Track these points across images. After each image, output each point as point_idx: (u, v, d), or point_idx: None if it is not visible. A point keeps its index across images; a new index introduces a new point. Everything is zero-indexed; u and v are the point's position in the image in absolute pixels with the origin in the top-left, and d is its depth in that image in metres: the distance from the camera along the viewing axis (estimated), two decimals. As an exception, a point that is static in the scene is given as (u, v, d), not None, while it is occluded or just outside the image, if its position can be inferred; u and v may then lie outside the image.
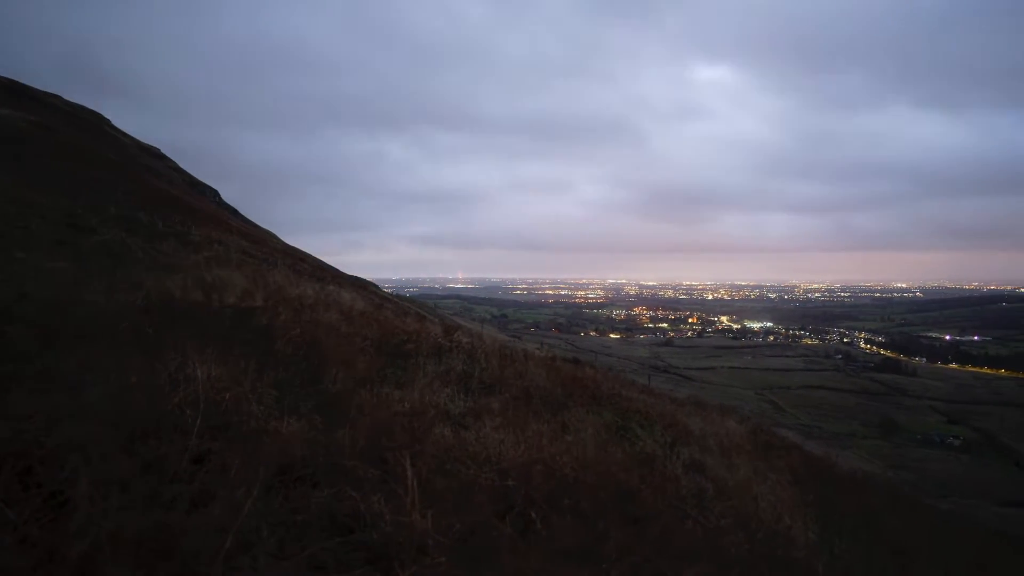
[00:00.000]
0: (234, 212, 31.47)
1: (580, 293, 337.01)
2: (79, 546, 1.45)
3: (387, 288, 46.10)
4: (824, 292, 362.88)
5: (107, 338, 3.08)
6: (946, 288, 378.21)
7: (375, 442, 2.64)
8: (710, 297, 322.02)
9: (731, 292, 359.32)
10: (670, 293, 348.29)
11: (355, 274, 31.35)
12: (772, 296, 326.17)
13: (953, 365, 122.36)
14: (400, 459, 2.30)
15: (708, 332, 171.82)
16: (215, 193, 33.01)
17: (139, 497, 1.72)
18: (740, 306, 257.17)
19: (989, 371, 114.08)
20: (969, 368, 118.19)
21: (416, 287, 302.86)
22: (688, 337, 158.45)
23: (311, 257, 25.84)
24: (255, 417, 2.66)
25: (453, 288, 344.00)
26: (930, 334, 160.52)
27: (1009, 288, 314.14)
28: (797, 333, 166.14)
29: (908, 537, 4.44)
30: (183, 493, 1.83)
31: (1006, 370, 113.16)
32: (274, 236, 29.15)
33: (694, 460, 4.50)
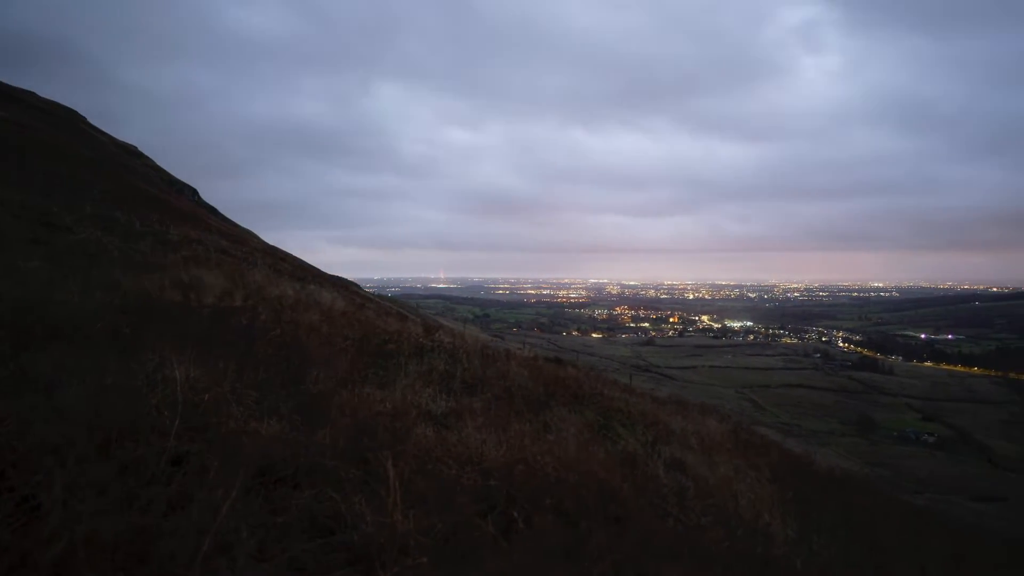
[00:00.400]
0: (213, 211, 31.11)
1: (562, 293, 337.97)
2: (53, 550, 1.43)
3: (369, 288, 45.87)
4: (803, 291, 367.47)
5: (82, 339, 3.03)
6: (922, 288, 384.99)
7: (356, 443, 2.63)
8: (691, 296, 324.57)
9: (712, 292, 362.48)
10: (652, 293, 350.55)
11: (336, 274, 31.17)
12: (752, 295, 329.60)
13: (928, 363, 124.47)
14: (382, 459, 2.29)
15: (689, 331, 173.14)
16: (194, 192, 32.63)
17: (115, 500, 1.69)
18: (721, 305, 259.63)
19: (963, 369, 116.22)
20: (944, 366, 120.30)
21: (398, 287, 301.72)
22: (669, 336, 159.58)
23: (292, 256, 25.62)
24: (235, 418, 2.63)
25: (435, 288, 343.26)
26: (906, 333, 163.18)
27: (981, 288, 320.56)
28: (777, 332, 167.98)
29: (885, 533, 4.50)
30: (160, 495, 1.81)
31: (979, 368, 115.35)
32: (254, 235, 28.88)
33: (675, 459, 4.53)
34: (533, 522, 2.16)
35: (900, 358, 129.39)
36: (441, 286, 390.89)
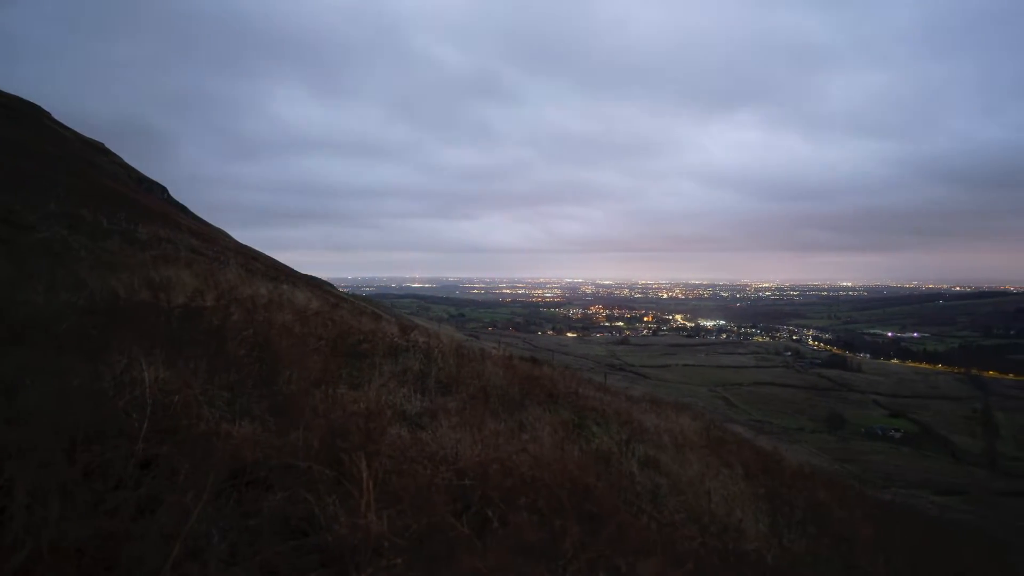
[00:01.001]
0: (183, 210, 30.57)
1: (537, 292, 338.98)
2: (16, 557, 1.40)
3: (343, 287, 45.51)
4: (774, 291, 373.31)
5: (47, 340, 2.96)
6: (888, 287, 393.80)
7: (330, 443, 2.61)
8: (665, 296, 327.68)
9: (685, 291, 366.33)
10: (626, 292, 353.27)
11: (310, 273, 30.86)
12: (725, 295, 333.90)
13: (895, 361, 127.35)
14: (356, 460, 2.27)
15: (663, 330, 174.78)
16: (163, 190, 32.03)
17: (81, 504, 1.66)
18: (694, 305, 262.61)
19: (928, 366, 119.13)
20: (909, 363, 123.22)
21: (373, 286, 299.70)
22: (644, 335, 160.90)
23: (264, 256, 25.31)
24: (206, 420, 2.59)
25: (410, 288, 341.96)
26: (874, 331, 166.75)
27: (945, 287, 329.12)
28: (749, 331, 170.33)
29: (852, 527, 4.60)
30: (128, 499, 1.78)
31: (943, 365, 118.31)
32: (226, 234, 28.45)
33: (649, 457, 4.57)
34: (508, 521, 2.16)
35: (868, 356, 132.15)
36: (416, 286, 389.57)
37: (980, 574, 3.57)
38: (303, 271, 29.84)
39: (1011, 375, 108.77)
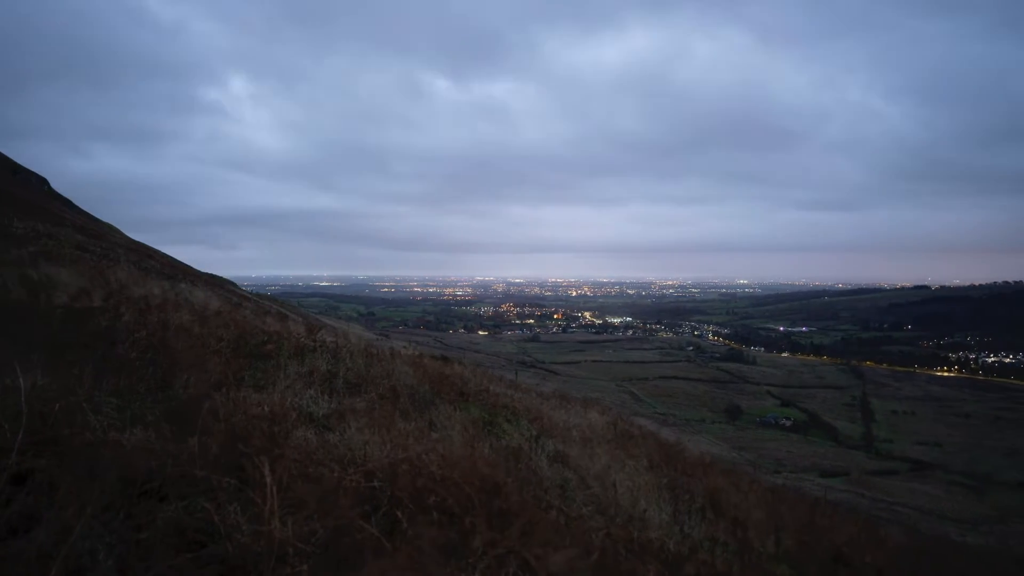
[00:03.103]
0: (68, 204, 28.30)
1: (449, 290, 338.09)
2: None
3: (246, 286, 43.62)
4: (677, 288, 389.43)
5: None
6: (780, 284, 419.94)
7: (231, 449, 2.50)
8: (574, 294, 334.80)
9: (594, 289, 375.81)
10: (536, 290, 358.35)
11: (211, 271, 29.38)
12: (631, 292, 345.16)
13: (786, 354, 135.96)
14: (259, 465, 2.19)
15: (572, 327, 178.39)
16: (43, 182, 29.54)
17: (-55, 525, 1.52)
18: (602, 302, 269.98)
19: (814, 358, 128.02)
20: (799, 356, 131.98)
21: (278, 285, 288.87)
22: (554, 333, 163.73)
23: (160, 253, 23.86)
24: (91, 429, 2.42)
25: (318, 286, 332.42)
26: (767, 326, 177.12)
27: (829, 284, 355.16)
28: (654, 327, 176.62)
29: (747, 511, 4.88)
30: None
31: (827, 357, 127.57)
32: (116, 230, 26.57)
33: (558, 452, 4.67)
34: (417, 522, 2.15)
35: (762, 349, 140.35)
36: (324, 284, 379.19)
37: (856, 546, 3.90)
38: (204, 270, 28.39)
39: (885, 365, 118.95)
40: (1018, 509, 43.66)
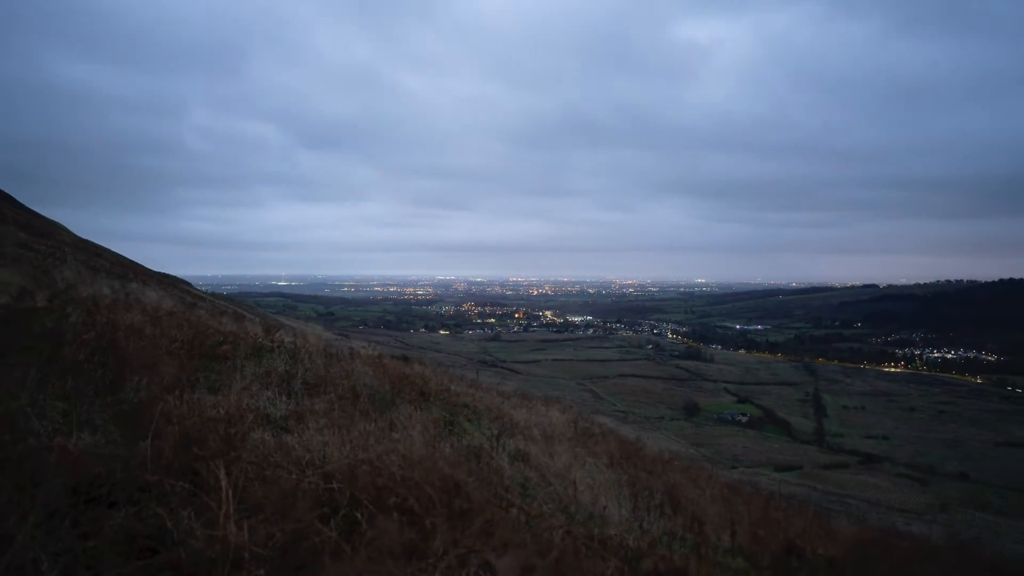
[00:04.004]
0: (8, 200, 27.08)
1: (409, 290, 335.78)
2: None
3: (201, 286, 42.53)
4: (637, 287, 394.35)
5: None
6: (738, 283, 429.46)
7: (185, 452, 2.44)
8: (535, 293, 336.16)
9: (555, 288, 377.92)
10: (498, 289, 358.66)
11: (164, 271, 28.56)
12: (592, 291, 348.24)
13: (742, 351, 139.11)
14: (213, 469, 2.14)
15: (534, 327, 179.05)
16: (-22, 177, 28.12)
17: None
18: (563, 301, 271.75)
19: (769, 355, 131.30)
20: (755, 353, 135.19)
21: (235, 284, 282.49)
22: (515, 332, 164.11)
23: (110, 252, 23.07)
24: (35, 434, 2.33)
25: (276, 286, 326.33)
26: (724, 324, 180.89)
27: (783, 283, 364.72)
28: (614, 326, 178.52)
29: (704, 506, 4.97)
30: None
31: (782, 354, 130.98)
32: (64, 228, 25.57)
33: (520, 451, 4.68)
34: (377, 523, 2.13)
35: (720, 347, 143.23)
36: (282, 284, 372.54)
37: (808, 538, 4.02)
38: (157, 268, 27.57)
39: (836, 361, 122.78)
40: (959, 498, 45.59)
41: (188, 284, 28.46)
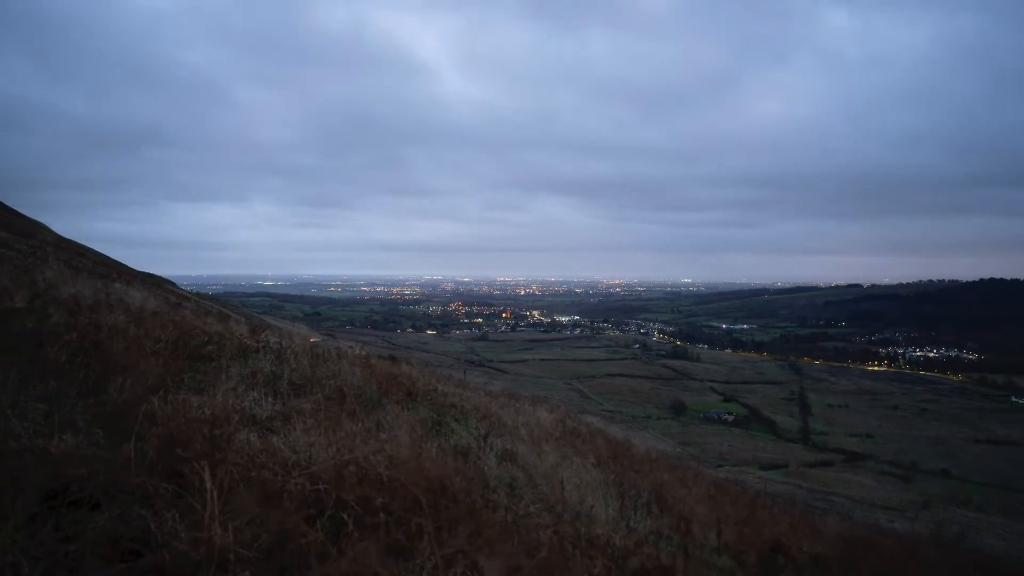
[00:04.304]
0: (-13, 198, 26.66)
1: (396, 290, 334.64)
2: None
3: (186, 285, 42.16)
4: (624, 287, 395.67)
5: None
6: (724, 283, 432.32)
7: (169, 454, 2.42)
8: (522, 293, 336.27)
9: (542, 288, 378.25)
10: (485, 289, 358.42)
11: (149, 270, 28.28)
12: (579, 291, 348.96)
13: (728, 351, 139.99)
14: (198, 470, 2.12)
15: (521, 326, 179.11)
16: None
17: None
18: (550, 301, 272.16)
19: (755, 355, 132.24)
20: (741, 353, 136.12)
21: (220, 284, 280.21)
22: (502, 332, 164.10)
23: (92, 251, 22.80)
24: (16, 436, 2.30)
25: (262, 285, 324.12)
26: (710, 324, 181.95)
27: (769, 283, 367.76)
28: (601, 325, 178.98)
29: (690, 505, 5.00)
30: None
31: (767, 353, 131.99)
32: (44, 227, 25.22)
33: (507, 450, 4.68)
34: (364, 524, 2.13)
35: (706, 346, 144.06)
36: (268, 284, 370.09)
37: (793, 536, 4.06)
38: (141, 268, 27.29)
39: (821, 360, 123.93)
40: (941, 495, 46.18)
41: (173, 284, 28.22)
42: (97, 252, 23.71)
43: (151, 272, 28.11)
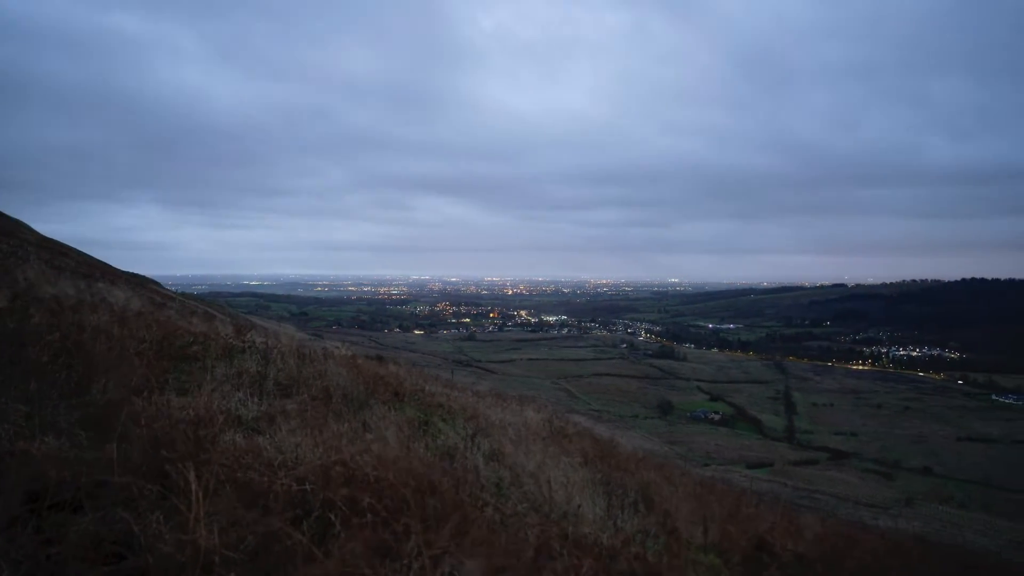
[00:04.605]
0: (-33, 196, 26.22)
1: (384, 290, 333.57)
2: None
3: (171, 285, 41.75)
4: (611, 287, 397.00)
5: None
6: (710, 283, 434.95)
7: (153, 455, 2.40)
8: (510, 292, 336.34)
9: (529, 288, 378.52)
10: (473, 289, 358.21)
11: (133, 270, 27.99)
12: (566, 291, 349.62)
13: (715, 350, 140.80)
14: (183, 471, 2.11)
15: (509, 326, 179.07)
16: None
17: None
18: (538, 301, 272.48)
19: (741, 354, 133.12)
20: (727, 352, 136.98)
21: (206, 284, 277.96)
22: (490, 331, 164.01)
23: (75, 251, 22.53)
24: (-4, 438, 2.27)
25: (248, 285, 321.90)
26: (697, 323, 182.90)
27: (755, 283, 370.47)
28: (588, 325, 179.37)
29: (677, 503, 5.02)
30: None
31: (753, 352, 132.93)
32: (27, 227, 24.88)
33: (494, 450, 4.68)
34: (351, 525, 2.12)
35: (692, 346, 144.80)
36: (255, 284, 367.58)
37: (778, 533, 4.10)
38: (124, 268, 27.00)
39: (806, 360, 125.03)
40: (923, 492, 46.79)
41: (157, 284, 27.94)
42: (80, 252, 23.45)
43: (136, 272, 27.83)
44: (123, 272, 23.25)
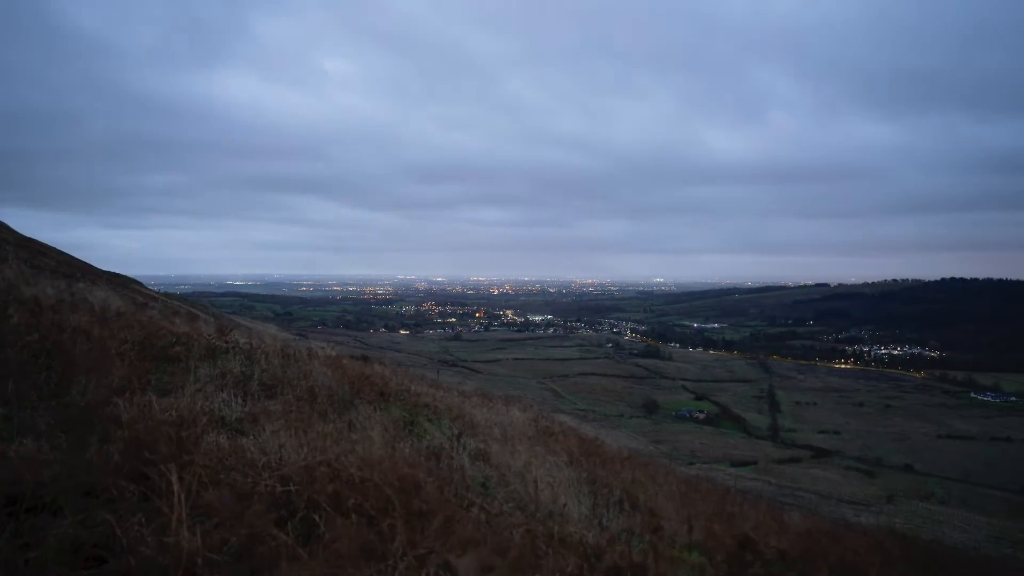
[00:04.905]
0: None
1: (369, 289, 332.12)
2: None
3: (154, 285, 41.25)
4: (597, 286, 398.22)
5: None
6: (695, 283, 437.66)
7: (135, 457, 2.37)
8: (496, 292, 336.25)
9: (515, 287, 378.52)
10: (459, 289, 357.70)
11: (115, 270, 27.62)
12: (552, 291, 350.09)
13: (700, 350, 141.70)
14: (165, 473, 2.09)
15: (494, 326, 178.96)
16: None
17: None
18: (524, 300, 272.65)
19: (726, 353, 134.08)
20: (712, 352, 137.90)
21: (189, 284, 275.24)
22: (476, 331, 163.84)
23: (55, 251, 22.18)
24: (-28, 441, 2.24)
25: (232, 285, 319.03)
26: (682, 323, 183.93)
27: (739, 283, 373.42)
28: (574, 325, 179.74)
29: (661, 501, 5.06)
30: None
31: (738, 352, 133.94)
32: (6, 226, 24.46)
33: (480, 450, 4.68)
34: (335, 525, 2.11)
35: (677, 345, 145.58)
36: (239, 283, 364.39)
37: (761, 531, 4.14)
38: (107, 267, 26.62)
39: (790, 359, 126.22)
40: (904, 489, 47.39)
41: (140, 284, 27.61)
42: (60, 251, 23.09)
43: (117, 272, 27.47)
44: (104, 272, 22.93)
